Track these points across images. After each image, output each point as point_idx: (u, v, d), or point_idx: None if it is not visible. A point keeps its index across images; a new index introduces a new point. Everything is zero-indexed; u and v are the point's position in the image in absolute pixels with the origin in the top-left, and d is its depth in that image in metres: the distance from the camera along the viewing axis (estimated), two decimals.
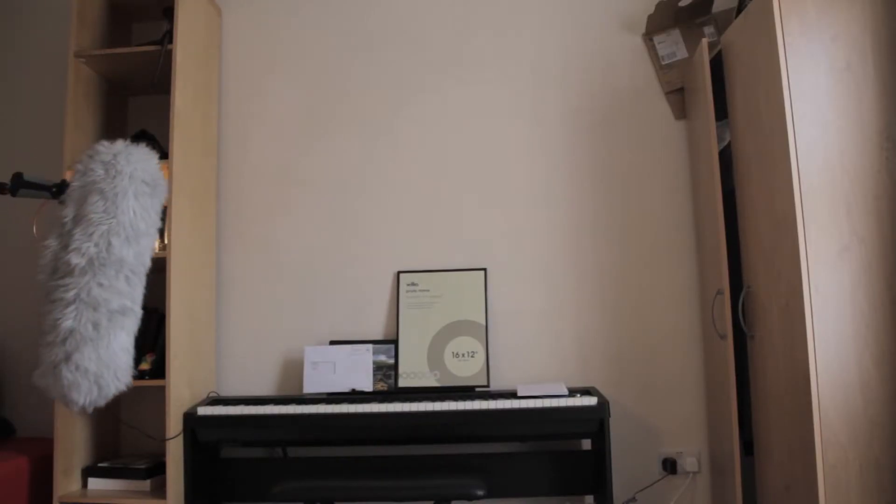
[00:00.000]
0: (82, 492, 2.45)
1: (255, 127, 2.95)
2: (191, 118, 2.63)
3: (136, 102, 2.99)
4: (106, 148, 1.17)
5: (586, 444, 2.62)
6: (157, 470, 2.46)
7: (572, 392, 2.44)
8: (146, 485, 2.43)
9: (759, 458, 2.28)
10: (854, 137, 1.95)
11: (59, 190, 1.21)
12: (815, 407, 1.87)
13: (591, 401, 2.30)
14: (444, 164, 2.86)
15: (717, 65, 2.45)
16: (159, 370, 2.47)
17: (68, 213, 1.15)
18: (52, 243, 1.16)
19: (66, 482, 2.43)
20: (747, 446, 2.39)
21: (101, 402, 1.13)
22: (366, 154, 2.89)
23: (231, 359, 2.83)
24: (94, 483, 2.48)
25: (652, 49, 2.82)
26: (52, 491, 2.37)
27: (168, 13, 2.61)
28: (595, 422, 2.31)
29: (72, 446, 2.47)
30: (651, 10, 2.73)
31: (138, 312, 1.17)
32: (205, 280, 2.73)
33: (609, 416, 2.30)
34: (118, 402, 2.74)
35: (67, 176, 1.41)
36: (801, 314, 1.92)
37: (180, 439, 2.39)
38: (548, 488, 2.53)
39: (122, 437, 2.78)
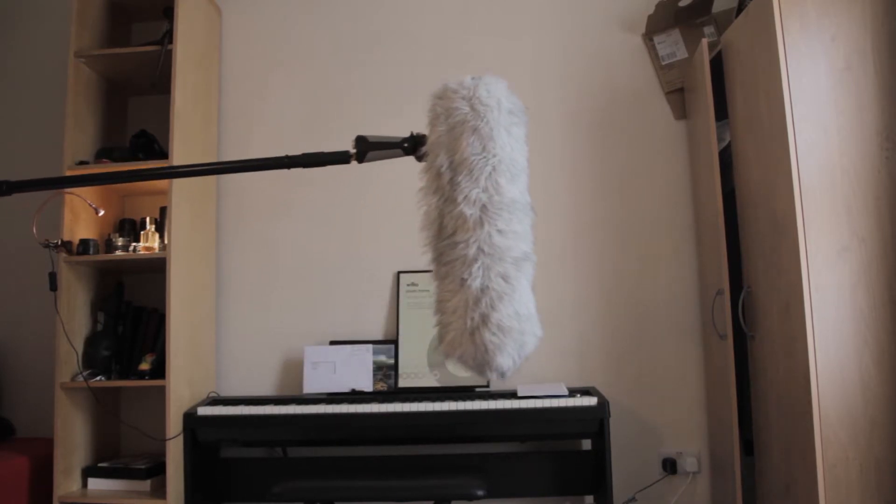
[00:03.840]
0: (82, 492, 2.45)
1: (255, 127, 2.95)
2: (191, 118, 2.63)
3: (136, 102, 2.99)
4: (458, 84, 1.07)
5: (586, 444, 2.62)
6: (157, 470, 2.46)
7: (572, 392, 2.44)
8: (146, 485, 2.43)
9: (759, 458, 2.28)
10: (854, 137, 1.95)
11: (411, 145, 1.13)
12: (815, 407, 1.87)
13: (591, 401, 2.30)
14: None
15: (717, 65, 2.45)
16: (159, 370, 2.47)
17: (442, 161, 1.05)
18: (432, 200, 1.07)
19: (66, 482, 2.43)
20: (747, 446, 2.39)
21: (519, 363, 1.03)
22: None
23: (231, 359, 2.83)
24: (94, 483, 2.48)
25: (652, 49, 2.82)
26: (52, 491, 2.37)
27: (168, 13, 2.61)
28: (595, 422, 2.30)
29: (72, 446, 2.48)
30: (651, 10, 2.73)
31: (534, 257, 1.06)
32: (205, 280, 2.73)
33: (609, 416, 2.30)
34: (118, 402, 2.75)
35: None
36: (801, 314, 1.91)
37: (180, 439, 2.39)
38: (548, 488, 2.53)
39: (122, 437, 2.78)
